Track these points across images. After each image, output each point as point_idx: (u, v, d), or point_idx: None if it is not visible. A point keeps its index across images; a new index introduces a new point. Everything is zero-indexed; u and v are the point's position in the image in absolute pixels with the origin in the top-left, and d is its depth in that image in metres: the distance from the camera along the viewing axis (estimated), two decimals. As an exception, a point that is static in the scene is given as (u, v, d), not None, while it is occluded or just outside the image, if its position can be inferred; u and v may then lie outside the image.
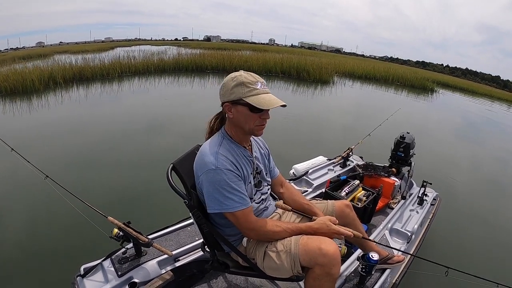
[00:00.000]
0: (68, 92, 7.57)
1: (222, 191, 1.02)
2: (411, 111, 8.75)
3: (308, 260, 1.04)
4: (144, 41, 57.15)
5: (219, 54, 13.94)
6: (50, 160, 3.38)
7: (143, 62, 11.04)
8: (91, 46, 26.45)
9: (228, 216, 1.07)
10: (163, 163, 1.23)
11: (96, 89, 8.13)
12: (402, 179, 2.60)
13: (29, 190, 2.74)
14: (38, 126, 4.85)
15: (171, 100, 7.40)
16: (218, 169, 1.02)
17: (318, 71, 12.34)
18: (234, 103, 1.05)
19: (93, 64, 9.81)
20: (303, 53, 22.30)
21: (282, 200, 1.34)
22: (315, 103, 8.41)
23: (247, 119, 1.06)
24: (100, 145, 4.09)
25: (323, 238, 1.08)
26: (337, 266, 1.04)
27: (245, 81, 1.03)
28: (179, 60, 12.14)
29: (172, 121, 5.47)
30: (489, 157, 5.94)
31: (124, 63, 10.45)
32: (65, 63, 9.65)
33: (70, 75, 8.50)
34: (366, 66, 18.48)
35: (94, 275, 1.35)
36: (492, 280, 1.16)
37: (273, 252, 1.11)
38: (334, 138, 5.28)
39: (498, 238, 2.86)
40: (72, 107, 6.21)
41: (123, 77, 9.75)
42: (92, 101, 6.81)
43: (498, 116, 12.59)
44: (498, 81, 76.93)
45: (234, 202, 1.04)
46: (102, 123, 5.18)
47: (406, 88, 14.85)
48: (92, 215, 1.55)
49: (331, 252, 1.02)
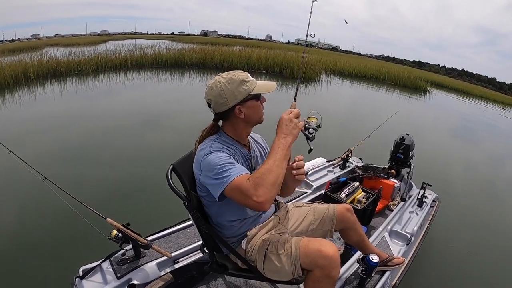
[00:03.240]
0: (44, 88, 7.30)
1: (217, 170, 0.98)
2: (408, 113, 8.76)
3: (309, 262, 1.04)
4: (140, 34, 57.15)
5: (201, 49, 13.52)
6: (48, 162, 3.37)
7: (121, 57, 10.60)
8: (82, 39, 26.20)
9: (231, 194, 0.97)
10: (163, 164, 1.23)
11: (90, 83, 7.98)
12: (402, 180, 2.60)
13: (27, 191, 2.73)
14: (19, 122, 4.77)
15: (161, 97, 7.31)
16: (212, 152, 1.02)
17: (303, 68, 11.64)
18: (243, 102, 1.06)
19: (74, 58, 9.43)
20: (298, 50, 22.16)
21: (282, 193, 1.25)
22: (314, 102, 8.42)
23: (257, 110, 1.10)
24: (99, 145, 4.08)
25: (323, 241, 1.08)
26: (336, 268, 1.04)
27: (243, 78, 1.06)
28: (159, 55, 11.68)
29: (169, 118, 5.46)
30: (489, 158, 5.96)
31: (101, 57, 10.04)
32: (43, 58, 9.23)
33: (43, 71, 8.16)
34: (358, 64, 18.15)
35: (93, 277, 1.34)
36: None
37: (274, 254, 1.11)
38: (330, 139, 5.28)
39: (498, 239, 2.87)
40: (55, 103, 6.07)
41: (103, 72, 9.44)
42: (81, 96, 6.73)
43: (494, 118, 12.67)
44: (494, 83, 77.41)
45: (230, 172, 0.97)
46: (94, 121, 5.08)
47: (398, 88, 14.68)
48: (91, 217, 1.54)
49: (331, 254, 1.02)
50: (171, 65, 11.48)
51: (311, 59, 14.20)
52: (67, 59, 9.45)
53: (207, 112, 1.14)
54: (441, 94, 17.57)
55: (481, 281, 2.26)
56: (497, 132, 9.54)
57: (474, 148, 6.63)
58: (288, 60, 12.43)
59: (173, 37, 36.87)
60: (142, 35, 48.60)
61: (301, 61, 12.31)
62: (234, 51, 13.96)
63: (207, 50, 13.23)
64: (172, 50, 12.79)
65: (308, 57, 15.29)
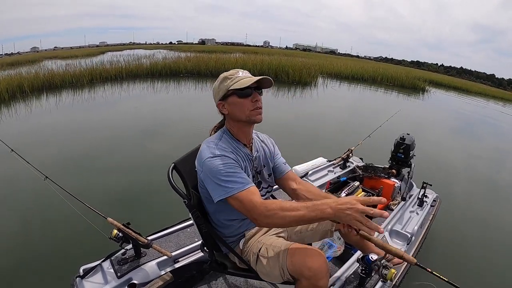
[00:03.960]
0: (40, 100, 7.15)
1: (222, 177, 1.00)
2: (408, 112, 8.74)
3: (295, 271, 1.01)
4: (138, 45, 57.26)
5: (196, 57, 13.45)
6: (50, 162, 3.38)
7: (116, 68, 10.47)
8: (81, 51, 26.15)
9: (233, 203, 1.01)
10: (163, 163, 1.23)
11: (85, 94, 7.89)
12: (402, 180, 2.59)
13: (28, 191, 2.74)
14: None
15: (158, 105, 7.25)
16: (216, 156, 1.03)
17: (298, 72, 11.62)
18: (224, 98, 1.09)
19: (69, 70, 9.24)
20: (295, 55, 22.02)
21: (297, 196, 1.25)
22: (312, 105, 8.43)
23: (240, 107, 1.07)
24: (99, 147, 4.09)
25: (310, 250, 1.04)
26: (323, 279, 0.99)
27: (227, 75, 1.09)
28: (153, 64, 11.51)
29: (166, 125, 5.47)
30: (490, 157, 5.94)
31: (97, 69, 9.89)
32: (39, 71, 9.08)
33: (39, 84, 8.01)
34: (354, 66, 18.04)
35: (93, 276, 1.35)
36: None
37: (264, 258, 1.10)
38: (330, 139, 5.28)
39: (499, 238, 2.86)
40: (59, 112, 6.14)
41: (98, 83, 9.26)
42: (83, 106, 6.73)
43: (494, 115, 12.63)
44: (493, 79, 77.16)
45: (236, 183, 1.00)
46: (93, 129, 5.14)
47: (396, 88, 14.57)
48: (91, 216, 1.54)
49: (316, 266, 0.98)
50: (166, 74, 11.35)
51: (307, 63, 14.10)
52: (62, 71, 9.28)
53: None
54: (440, 93, 17.46)
55: (482, 280, 2.26)
56: (498, 130, 9.51)
57: (474, 147, 6.61)
58: (284, 65, 12.39)
59: (171, 47, 37.05)
60: (141, 45, 48.74)
61: (296, 67, 12.15)
62: (229, 58, 13.87)
63: (202, 58, 13.15)
64: (168, 60, 12.67)
65: (304, 61, 15.25)
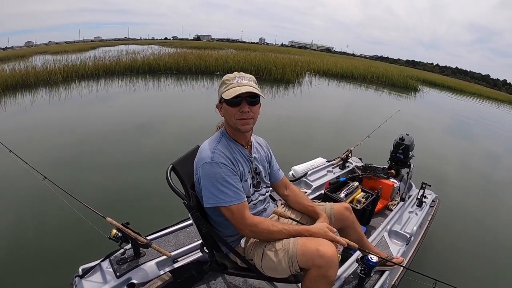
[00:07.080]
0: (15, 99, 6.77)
1: (217, 185, 1.04)
2: (408, 113, 8.75)
3: (306, 260, 1.04)
4: (133, 40, 56.90)
5: (176, 53, 13.05)
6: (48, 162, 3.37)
7: (93, 65, 9.88)
8: (72, 47, 25.60)
9: (223, 211, 1.08)
10: (162, 162, 1.23)
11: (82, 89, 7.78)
12: (401, 180, 2.60)
13: (27, 191, 2.73)
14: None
15: (156, 100, 7.25)
16: (214, 163, 1.05)
17: (281, 69, 11.16)
18: (221, 102, 1.11)
19: (45, 67, 8.72)
20: (289, 52, 21.70)
21: (287, 202, 1.39)
22: (310, 104, 8.42)
23: (229, 115, 1.10)
24: (97, 146, 4.08)
25: (321, 240, 1.07)
26: (334, 268, 1.03)
27: (225, 79, 1.10)
28: (132, 61, 10.98)
29: (167, 121, 5.48)
30: (488, 158, 5.96)
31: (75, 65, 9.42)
32: (15, 67, 8.48)
33: (13, 82, 7.50)
34: (346, 64, 17.74)
35: (92, 276, 1.34)
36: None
37: (271, 251, 1.11)
38: (330, 140, 5.28)
39: (498, 239, 2.87)
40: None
41: (73, 81, 8.81)
42: (76, 101, 6.63)
43: (490, 116, 12.68)
44: (488, 79, 77.25)
45: (229, 197, 1.05)
46: (93, 125, 5.12)
47: (387, 87, 14.42)
48: (90, 216, 1.54)
49: (329, 254, 1.01)
50: (144, 72, 10.80)
51: (294, 60, 13.71)
52: (37, 68, 8.74)
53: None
54: (432, 93, 17.34)
55: (481, 280, 2.26)
56: (495, 131, 9.54)
57: (473, 148, 6.62)
58: (267, 61, 11.93)
59: (165, 42, 36.19)
60: (135, 41, 48.32)
61: (280, 64, 11.67)
62: (211, 54, 13.36)
63: (184, 54, 12.67)
64: (149, 57, 12.10)
65: (294, 58, 14.90)
